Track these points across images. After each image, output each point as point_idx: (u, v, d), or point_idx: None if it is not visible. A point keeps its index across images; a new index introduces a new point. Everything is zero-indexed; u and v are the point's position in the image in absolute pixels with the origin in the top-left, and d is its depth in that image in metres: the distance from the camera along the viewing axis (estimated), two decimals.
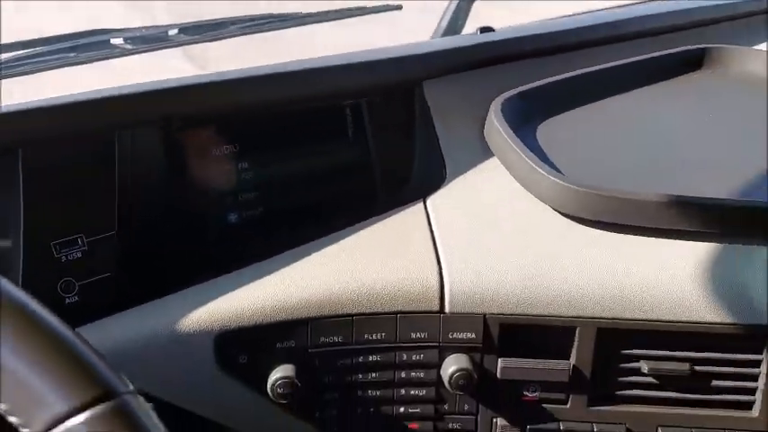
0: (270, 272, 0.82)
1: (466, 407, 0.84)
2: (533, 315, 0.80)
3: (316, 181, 0.96)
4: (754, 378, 0.82)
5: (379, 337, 0.81)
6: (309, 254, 0.84)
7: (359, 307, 0.80)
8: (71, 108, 0.81)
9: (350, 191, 0.98)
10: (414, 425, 0.84)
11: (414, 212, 0.91)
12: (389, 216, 0.91)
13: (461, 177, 0.94)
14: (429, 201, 0.92)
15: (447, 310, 0.80)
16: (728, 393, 0.83)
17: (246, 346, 0.79)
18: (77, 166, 0.81)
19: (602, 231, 0.84)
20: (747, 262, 0.80)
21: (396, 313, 0.80)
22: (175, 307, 0.80)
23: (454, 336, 0.81)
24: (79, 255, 0.81)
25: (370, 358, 0.81)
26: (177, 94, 0.86)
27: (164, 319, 0.79)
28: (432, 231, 0.87)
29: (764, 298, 0.79)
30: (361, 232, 0.88)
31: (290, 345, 0.79)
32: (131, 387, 0.45)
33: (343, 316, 0.80)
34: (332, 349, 0.80)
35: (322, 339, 0.80)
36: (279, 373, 0.78)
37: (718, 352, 0.82)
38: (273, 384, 0.78)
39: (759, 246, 0.82)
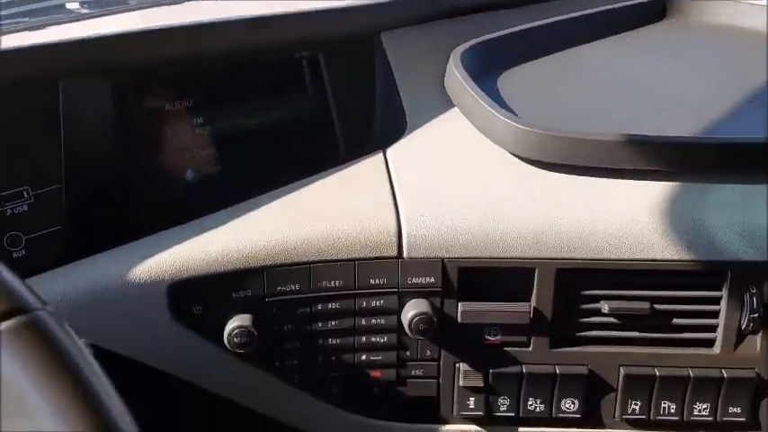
0: (223, 221, 0.81)
1: (428, 353, 0.84)
2: (492, 258, 0.79)
3: (274, 135, 0.93)
4: (714, 315, 0.82)
5: (337, 284, 0.79)
6: (264, 204, 0.83)
7: (316, 255, 0.78)
8: (11, 55, 0.79)
9: (309, 144, 0.96)
10: (376, 373, 0.84)
11: (373, 162, 0.90)
12: (348, 167, 0.90)
13: (421, 128, 0.92)
14: (389, 151, 0.91)
15: (405, 255, 0.79)
16: (689, 331, 0.83)
17: (201, 296, 0.77)
18: (21, 117, 0.79)
19: (559, 174, 0.83)
20: (705, 200, 0.80)
21: (354, 260, 0.79)
22: (126, 258, 0.78)
23: (413, 281, 0.80)
24: (25, 208, 0.78)
25: (329, 306, 0.80)
26: (121, 42, 0.83)
27: (114, 270, 0.77)
28: (390, 179, 0.86)
29: (722, 235, 0.78)
30: (319, 182, 0.87)
31: (245, 294, 0.78)
32: (49, 307, 0.44)
33: (299, 264, 0.78)
34: (289, 298, 0.79)
35: (279, 288, 0.79)
36: (235, 322, 0.77)
37: (678, 290, 0.81)
38: (230, 334, 0.77)
39: (717, 183, 0.82)
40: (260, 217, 0.81)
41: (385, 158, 0.89)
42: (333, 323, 0.81)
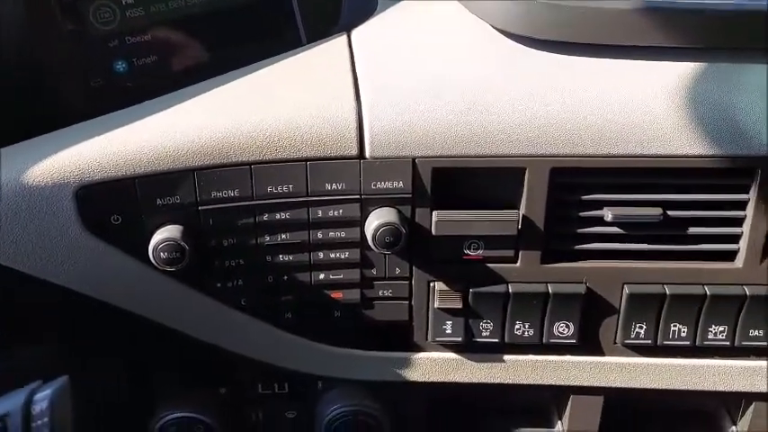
0: (145, 114, 0.66)
1: (397, 270, 0.71)
2: (472, 156, 0.66)
3: (221, 19, 0.80)
4: (739, 223, 0.69)
5: (285, 189, 0.66)
6: (197, 94, 0.68)
7: (257, 153, 0.64)
8: None
9: (263, 28, 0.82)
10: (337, 294, 0.72)
11: (335, 46, 0.75)
12: (304, 51, 0.75)
13: (395, 5, 0.79)
14: (355, 32, 0.76)
15: (368, 154, 0.65)
16: (708, 242, 0.70)
17: (118, 204, 0.64)
18: None
19: (555, 54, 0.69)
20: (730, 82, 0.66)
21: (305, 160, 0.65)
22: (23, 157, 0.64)
23: (378, 185, 0.66)
24: None
25: (277, 216, 0.67)
26: None
27: (8, 173, 0.63)
28: (353, 64, 0.72)
29: (751, 124, 0.64)
30: (271, 68, 0.72)
31: (173, 201, 0.64)
32: None
33: (237, 165, 0.64)
34: (227, 206, 0.66)
35: (214, 194, 0.65)
36: (161, 234, 0.64)
37: (696, 193, 0.68)
38: (155, 248, 0.64)
39: (746, 62, 0.67)
40: (190, 109, 0.67)
41: (349, 41, 0.75)
42: (283, 236, 0.68)
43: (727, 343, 0.72)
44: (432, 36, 0.74)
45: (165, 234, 0.64)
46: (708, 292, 0.70)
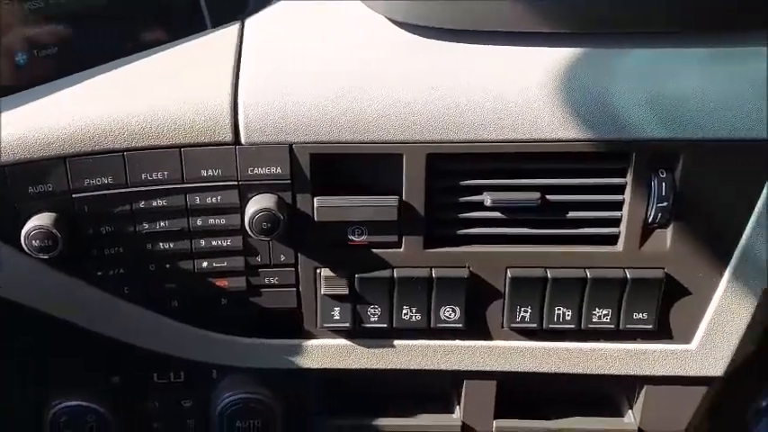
0: (20, 102, 0.66)
1: (282, 257, 0.71)
2: (350, 142, 0.66)
3: (128, 4, 0.79)
4: (618, 207, 0.70)
5: (160, 176, 0.66)
6: (72, 82, 0.68)
7: (129, 140, 0.64)
8: None
9: (171, 13, 0.82)
10: (222, 281, 0.72)
11: (226, 33, 0.74)
12: (194, 39, 0.74)
13: None
14: (249, 20, 0.75)
15: (244, 140, 0.65)
16: (588, 226, 0.71)
17: None
18: None
19: (439, 41, 0.69)
20: (608, 67, 0.66)
21: (178, 146, 0.65)
22: None
23: (255, 171, 0.66)
24: None
25: (154, 203, 0.67)
26: None
27: None
28: (240, 51, 0.71)
29: (626, 108, 0.65)
30: (157, 55, 0.71)
31: (45, 189, 0.64)
32: None
33: (110, 152, 0.64)
34: (102, 194, 0.65)
35: (88, 182, 0.65)
36: (32, 222, 0.64)
37: (574, 177, 0.69)
38: (27, 236, 0.63)
39: (626, 48, 0.67)
40: (62, 96, 0.66)
41: (242, 28, 0.75)
42: (161, 224, 0.68)
43: (612, 326, 0.73)
44: (325, 26, 0.74)
45: (36, 222, 0.64)
46: (589, 276, 0.70)
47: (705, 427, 0.86)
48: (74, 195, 0.65)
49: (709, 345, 0.74)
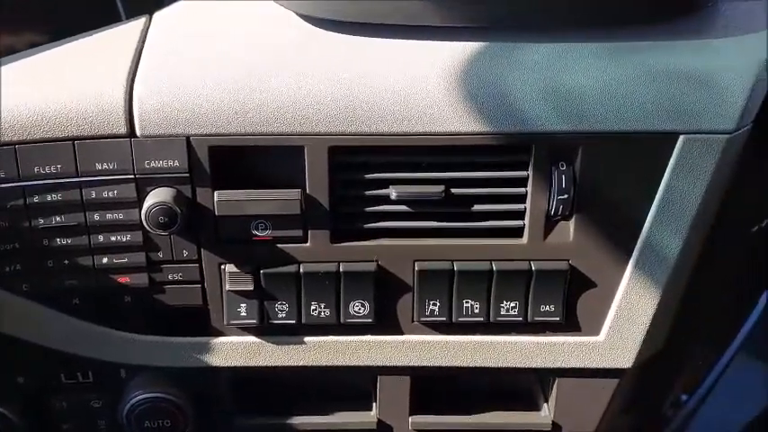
0: None
1: (185, 253, 0.70)
2: (250, 134, 0.65)
3: None
4: (521, 199, 0.70)
5: (53, 170, 0.64)
6: None
7: (21, 133, 0.63)
8: None
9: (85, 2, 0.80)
10: (124, 278, 0.70)
11: (132, 26, 0.73)
12: (104, 30, 0.73)
13: None
14: (157, 14, 0.74)
15: (138, 132, 0.64)
16: (493, 219, 0.71)
17: None
18: None
19: (342, 35, 0.68)
20: (508, 59, 0.66)
21: (71, 139, 0.64)
22: None
23: (152, 164, 0.65)
24: None
25: (49, 198, 0.65)
26: None
27: None
28: (141, 46, 0.70)
29: (525, 101, 0.65)
30: (58, 47, 0.70)
31: None
32: None
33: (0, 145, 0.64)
34: None
35: None
36: None
37: (478, 170, 0.69)
38: None
39: (525, 42, 0.67)
40: None
41: (149, 21, 0.74)
42: (57, 219, 0.66)
43: (520, 318, 0.73)
44: (233, 20, 0.73)
45: None
46: (495, 268, 0.70)
47: (623, 421, 0.87)
48: None
49: (616, 336, 0.74)
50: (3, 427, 0.76)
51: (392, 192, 0.69)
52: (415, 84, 0.65)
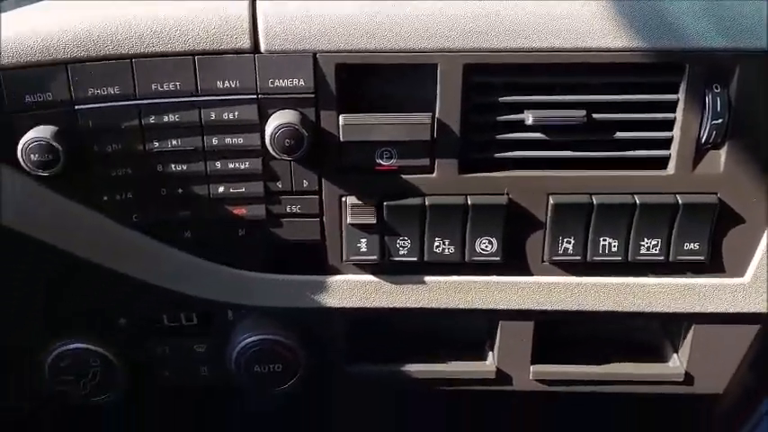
0: (16, 5, 0.60)
1: (305, 183, 0.65)
2: (380, 51, 0.60)
3: None
4: (669, 126, 0.64)
5: (171, 87, 0.60)
6: None
7: (137, 44, 0.58)
8: None
9: None
10: (240, 209, 0.66)
11: None
12: None
13: None
14: None
15: (263, 47, 0.59)
16: (636, 148, 0.65)
17: None
18: None
19: None
20: None
21: (192, 53, 0.59)
22: None
23: (276, 83, 0.60)
24: None
25: (165, 118, 0.61)
26: None
27: None
28: None
29: (680, 15, 0.59)
30: None
31: (44, 98, 0.58)
32: None
33: (115, 58, 0.58)
34: (108, 105, 0.59)
35: (91, 91, 0.59)
36: (30, 134, 0.58)
37: (623, 93, 0.63)
38: (24, 149, 0.57)
39: None
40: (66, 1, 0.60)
41: None
42: (174, 142, 0.62)
43: (661, 258, 0.67)
44: None
45: (34, 134, 0.58)
46: (637, 202, 0.65)
47: (756, 377, 0.82)
48: (76, 107, 0.59)
49: (762, 278, 0.69)
50: (102, 370, 0.73)
51: (528, 116, 0.63)
52: None
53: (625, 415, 0.89)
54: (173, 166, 0.63)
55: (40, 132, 0.57)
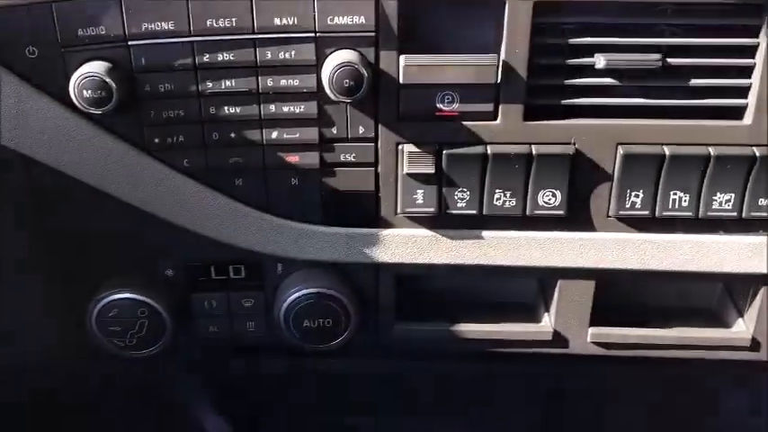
0: None
1: (361, 129, 0.62)
2: None
3: None
4: (747, 73, 0.61)
5: (227, 24, 0.57)
6: None
7: None
8: None
9: None
10: (293, 157, 0.63)
11: None
12: None
13: None
14: None
15: None
16: (712, 95, 0.61)
17: (34, 33, 0.55)
18: None
19: None
20: None
21: None
22: None
23: (336, 21, 0.57)
24: None
25: (220, 57, 0.58)
26: None
27: None
28: None
29: None
30: None
31: (97, 32, 0.56)
32: None
33: None
34: (161, 42, 0.57)
35: (145, 26, 0.56)
36: (84, 69, 0.55)
37: (700, 36, 0.59)
38: (77, 84, 0.55)
39: None
40: None
41: None
42: (227, 83, 0.59)
43: (734, 214, 0.63)
44: None
45: (88, 68, 0.55)
46: (712, 153, 0.61)
47: None
48: (130, 42, 0.57)
49: None
50: (150, 321, 0.71)
51: (600, 60, 0.60)
52: None
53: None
54: (226, 108, 0.60)
55: (93, 67, 0.55)
